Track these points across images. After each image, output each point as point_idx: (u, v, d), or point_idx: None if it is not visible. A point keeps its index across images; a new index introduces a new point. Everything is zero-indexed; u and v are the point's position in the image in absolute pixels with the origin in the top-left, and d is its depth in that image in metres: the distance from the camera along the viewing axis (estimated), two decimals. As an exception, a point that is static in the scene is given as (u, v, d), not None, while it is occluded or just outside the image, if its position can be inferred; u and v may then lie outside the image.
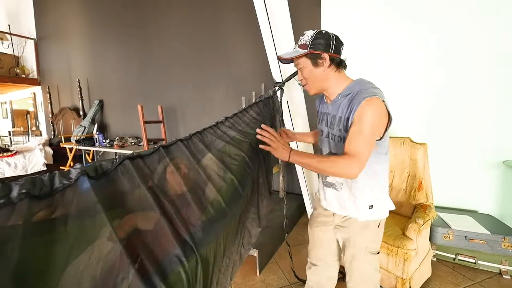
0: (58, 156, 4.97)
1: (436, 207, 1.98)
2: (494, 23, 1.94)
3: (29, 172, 4.42)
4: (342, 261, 1.15)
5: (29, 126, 7.38)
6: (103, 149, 4.40)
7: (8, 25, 6.56)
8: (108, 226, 0.49)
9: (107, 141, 4.46)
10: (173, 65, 4.04)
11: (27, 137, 6.88)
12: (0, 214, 0.38)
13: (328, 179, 1.08)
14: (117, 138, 4.39)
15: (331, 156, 0.95)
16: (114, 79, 4.96)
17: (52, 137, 5.86)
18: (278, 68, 1.77)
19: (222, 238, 0.74)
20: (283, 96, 1.46)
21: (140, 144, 4.25)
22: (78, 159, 5.00)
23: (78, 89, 5.25)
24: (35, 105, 7.20)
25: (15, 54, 6.87)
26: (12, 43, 6.82)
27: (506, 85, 1.95)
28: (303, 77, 1.00)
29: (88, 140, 4.74)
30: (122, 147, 4.10)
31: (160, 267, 0.53)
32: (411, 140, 1.95)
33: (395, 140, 2.03)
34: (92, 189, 0.50)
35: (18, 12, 7.05)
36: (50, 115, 6.18)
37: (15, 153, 4.40)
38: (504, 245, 1.71)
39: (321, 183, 1.14)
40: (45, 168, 4.59)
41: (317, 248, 1.21)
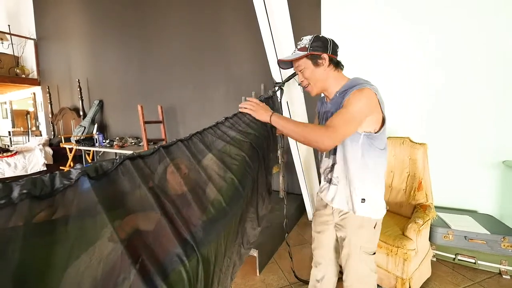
0: (58, 156, 4.97)
1: (436, 207, 1.98)
2: (494, 23, 1.94)
3: (29, 172, 4.42)
4: (340, 260, 1.18)
5: (29, 126, 7.38)
6: (103, 149, 4.40)
7: (8, 25, 6.56)
8: (109, 227, 0.49)
9: (107, 141, 4.46)
10: (173, 65, 4.04)
11: (27, 137, 6.88)
12: (1, 215, 0.38)
13: (329, 175, 1.12)
14: (117, 138, 4.39)
15: (311, 124, 1.00)
16: (114, 79, 4.96)
17: (52, 137, 5.86)
18: (278, 68, 1.77)
19: (223, 238, 0.74)
20: (283, 97, 1.46)
21: (140, 144, 4.25)
22: (78, 159, 5.00)
23: (78, 89, 5.25)
24: (35, 105, 7.20)
25: (15, 54, 6.88)
26: (12, 43, 6.83)
27: (506, 85, 1.95)
28: (305, 78, 1.05)
29: (88, 140, 4.74)
30: (122, 147, 4.10)
31: (161, 267, 0.53)
32: (411, 140, 1.95)
33: (395, 140, 2.03)
34: (93, 189, 0.50)
35: (18, 12, 7.06)
36: (50, 115, 6.18)
37: (15, 153, 4.41)
38: (504, 245, 1.72)
39: (323, 180, 1.19)
40: (45, 168, 4.59)
41: (319, 248, 1.26)
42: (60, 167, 4.82)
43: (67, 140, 4.93)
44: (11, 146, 5.18)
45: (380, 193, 1.07)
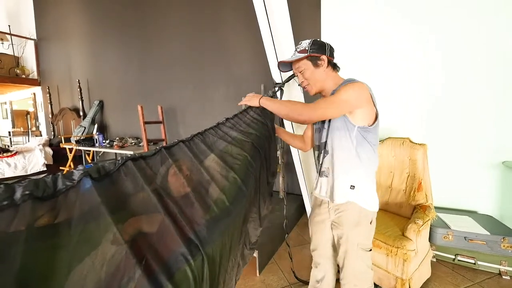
0: (58, 157, 4.97)
1: (436, 208, 1.98)
2: (494, 23, 1.94)
3: (29, 173, 4.43)
4: (337, 259, 1.19)
5: (29, 127, 7.39)
6: (103, 150, 4.40)
7: (8, 26, 6.57)
8: (112, 228, 0.49)
9: (107, 142, 4.46)
10: (173, 65, 4.04)
11: (27, 138, 6.88)
12: (4, 216, 0.38)
13: (321, 167, 1.16)
14: (117, 139, 4.39)
15: (298, 101, 1.11)
16: (114, 79, 4.96)
17: (52, 138, 5.87)
18: (278, 69, 1.77)
19: (228, 237, 0.75)
20: (283, 97, 1.46)
21: (140, 145, 4.25)
22: (78, 160, 5.00)
23: (78, 90, 5.25)
24: (35, 106, 7.20)
25: (15, 55, 6.88)
26: (12, 44, 6.83)
27: (506, 85, 1.95)
28: (305, 79, 1.11)
29: (88, 141, 4.74)
30: (122, 148, 4.10)
31: (166, 266, 0.53)
32: (411, 141, 1.95)
33: (395, 141, 2.03)
34: (95, 190, 0.49)
35: (18, 13, 7.06)
36: (50, 116, 6.18)
37: (15, 154, 4.41)
38: (504, 246, 1.72)
39: (317, 175, 1.22)
40: (45, 169, 4.59)
41: (318, 248, 1.27)
42: (60, 168, 4.82)
43: (67, 141, 4.94)
44: (11, 146, 5.19)
45: (372, 186, 1.10)
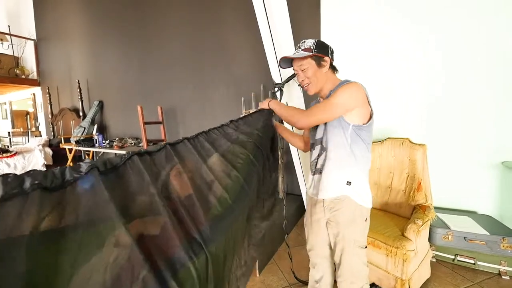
0: (58, 157, 4.98)
1: (435, 208, 1.98)
2: (494, 23, 1.94)
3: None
4: (334, 257, 1.20)
5: (29, 127, 7.39)
6: (103, 150, 4.40)
7: (8, 26, 6.57)
8: (118, 224, 0.49)
9: (107, 142, 4.47)
10: (173, 66, 4.04)
11: (27, 138, 6.89)
12: (14, 204, 0.38)
13: (316, 165, 1.18)
14: (117, 139, 4.39)
15: (297, 108, 1.18)
16: (114, 80, 4.96)
17: (52, 138, 5.86)
18: (278, 69, 1.77)
19: (231, 236, 0.75)
20: (283, 97, 1.46)
21: (140, 145, 4.25)
22: (78, 160, 5.00)
23: (78, 90, 5.25)
24: (35, 106, 7.20)
25: (15, 55, 6.89)
26: (12, 44, 6.83)
27: (506, 85, 1.94)
28: (306, 77, 1.12)
29: (88, 141, 4.74)
30: (122, 148, 4.10)
31: (170, 265, 0.54)
32: (410, 141, 1.95)
33: (394, 141, 2.03)
34: (102, 183, 0.50)
35: (18, 13, 7.07)
36: (50, 116, 6.18)
37: (15, 154, 4.41)
38: (503, 246, 1.71)
39: (310, 175, 1.23)
40: (45, 169, 4.57)
41: (314, 248, 1.29)
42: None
43: (67, 141, 4.93)
44: (11, 147, 5.19)
45: (366, 183, 1.12)
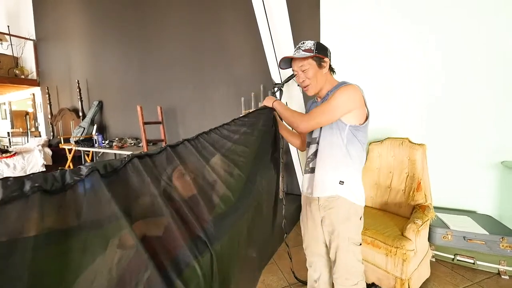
0: (57, 157, 4.97)
1: (435, 208, 1.98)
2: (494, 23, 1.94)
3: (28, 173, 4.42)
4: (330, 255, 1.20)
5: (28, 127, 7.38)
6: (102, 150, 4.40)
7: (8, 26, 6.56)
8: (122, 225, 0.49)
9: (107, 142, 4.46)
10: (173, 66, 4.03)
11: (26, 138, 6.88)
12: (14, 207, 0.38)
13: (311, 164, 1.20)
14: (117, 139, 4.39)
15: (299, 112, 1.19)
16: (114, 80, 4.95)
17: (51, 138, 5.86)
18: (278, 70, 1.77)
19: (236, 234, 0.75)
20: (283, 97, 1.46)
21: (140, 145, 4.25)
22: (77, 160, 5.00)
23: (78, 90, 5.25)
24: (34, 106, 7.19)
25: (15, 55, 6.87)
26: (12, 44, 6.82)
27: (506, 85, 1.94)
28: (307, 78, 1.13)
29: (87, 141, 4.73)
30: (122, 148, 4.10)
31: (175, 264, 0.54)
32: (410, 141, 1.95)
33: (394, 141, 2.03)
34: (103, 186, 0.49)
35: (18, 13, 7.06)
36: (49, 116, 6.17)
37: (14, 154, 4.40)
38: (503, 246, 1.72)
39: (304, 173, 1.25)
40: (44, 169, 4.59)
41: (310, 246, 1.30)
42: (59, 168, 4.81)
43: (66, 141, 4.93)
44: (10, 147, 5.18)
45: (360, 182, 1.15)
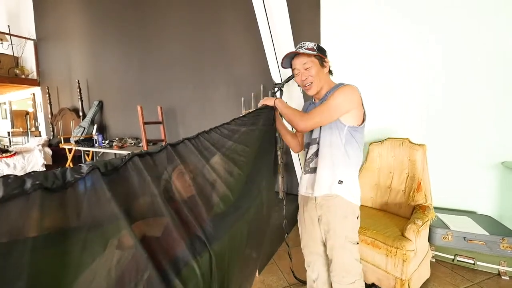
0: (58, 157, 4.97)
1: (435, 208, 1.98)
2: (494, 23, 1.94)
3: (29, 173, 4.42)
4: (327, 253, 1.21)
5: (28, 127, 7.39)
6: (103, 150, 4.40)
7: (8, 26, 6.56)
8: (122, 224, 0.49)
9: (107, 142, 4.46)
10: (173, 66, 4.03)
11: (26, 138, 6.88)
12: (15, 204, 0.38)
13: (310, 164, 1.21)
14: (117, 139, 4.39)
15: (299, 111, 1.20)
16: (114, 80, 4.95)
17: (52, 138, 5.85)
18: (278, 70, 1.77)
19: (236, 234, 0.75)
20: (283, 97, 1.46)
21: (140, 145, 4.25)
22: (77, 160, 5.00)
23: (78, 90, 5.25)
24: (35, 106, 7.20)
25: (15, 55, 6.88)
26: (12, 44, 6.83)
27: (506, 86, 1.94)
28: (310, 76, 1.14)
29: (88, 141, 4.73)
30: (122, 148, 4.10)
31: (174, 264, 0.54)
32: (410, 141, 1.95)
33: (394, 141, 2.03)
34: (103, 184, 0.49)
35: (18, 13, 7.06)
36: (50, 116, 6.17)
37: (14, 154, 4.41)
38: (503, 246, 1.72)
39: (303, 173, 1.27)
40: (44, 169, 4.58)
41: (307, 246, 1.30)
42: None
43: (67, 141, 4.93)
44: (10, 147, 5.18)
45: (357, 181, 1.16)
